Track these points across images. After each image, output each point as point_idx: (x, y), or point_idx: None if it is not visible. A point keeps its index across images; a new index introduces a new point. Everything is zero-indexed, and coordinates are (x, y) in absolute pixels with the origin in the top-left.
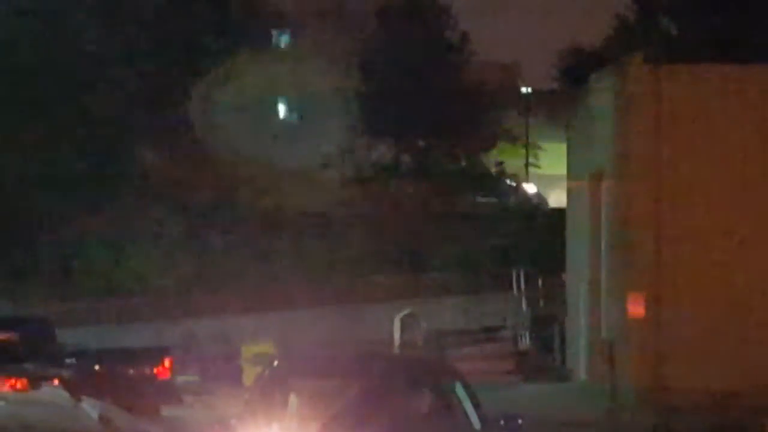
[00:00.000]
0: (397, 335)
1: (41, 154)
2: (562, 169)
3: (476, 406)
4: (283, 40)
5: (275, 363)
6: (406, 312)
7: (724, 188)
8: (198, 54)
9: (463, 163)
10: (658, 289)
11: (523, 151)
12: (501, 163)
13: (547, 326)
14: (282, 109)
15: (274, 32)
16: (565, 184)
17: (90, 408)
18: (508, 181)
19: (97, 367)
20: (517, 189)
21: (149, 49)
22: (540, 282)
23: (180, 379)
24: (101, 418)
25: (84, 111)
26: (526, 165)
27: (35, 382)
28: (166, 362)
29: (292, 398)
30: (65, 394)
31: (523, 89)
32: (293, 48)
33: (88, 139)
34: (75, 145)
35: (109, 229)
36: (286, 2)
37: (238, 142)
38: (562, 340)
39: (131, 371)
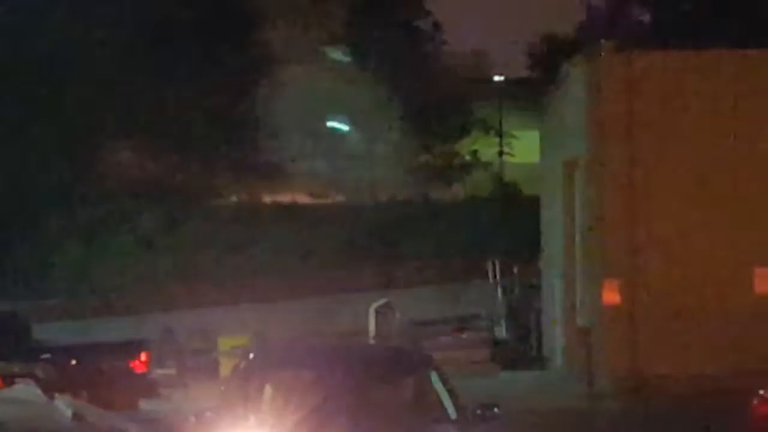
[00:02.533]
0: (372, 326)
1: (16, 151)
2: (535, 158)
3: (452, 395)
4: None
5: (251, 355)
6: (380, 302)
7: (697, 174)
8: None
9: (437, 153)
10: (633, 275)
11: (497, 140)
12: (474, 152)
13: (523, 315)
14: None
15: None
16: (539, 172)
17: (63, 405)
18: None
19: (73, 362)
20: None
21: (129, 42)
22: (515, 271)
23: (157, 372)
24: (75, 415)
25: (60, 107)
26: (500, 153)
27: (8, 379)
28: (143, 356)
29: (269, 390)
30: (38, 392)
31: (496, 78)
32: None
33: (64, 135)
34: (51, 142)
35: (85, 225)
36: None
37: (213, 137)
38: (539, 329)
39: (108, 365)
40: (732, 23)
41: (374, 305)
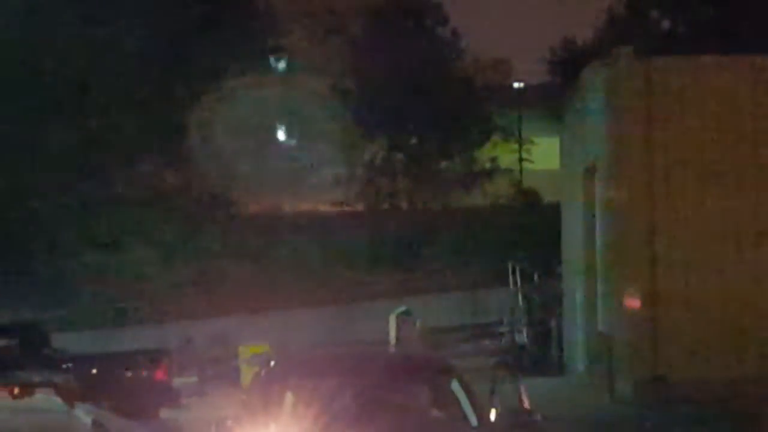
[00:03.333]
0: (392, 333)
1: (35, 160)
2: (555, 164)
3: (473, 402)
4: (280, 66)
5: (272, 363)
6: (401, 310)
7: (717, 180)
8: (196, 63)
9: (457, 160)
10: (654, 281)
11: (516, 146)
12: (494, 159)
13: (544, 321)
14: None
15: (271, 58)
16: (559, 178)
17: (83, 414)
18: None
19: (94, 371)
20: None
21: (147, 54)
22: (536, 277)
23: (178, 380)
24: (94, 423)
25: (79, 116)
26: (520, 160)
27: (29, 389)
28: (164, 364)
29: (290, 398)
30: (58, 401)
31: (516, 84)
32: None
33: (83, 145)
34: (69, 151)
35: (105, 234)
36: (278, 2)
37: (235, 146)
38: (560, 335)
39: (129, 374)
40: (750, 28)
41: (394, 313)
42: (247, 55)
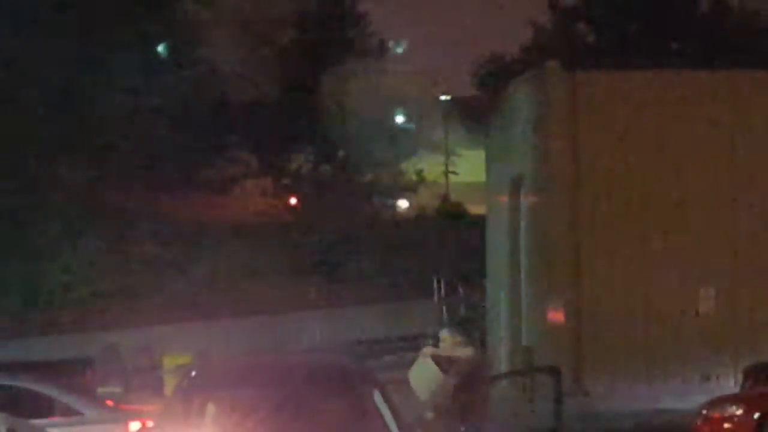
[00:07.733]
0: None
1: None
2: (481, 176)
3: (395, 414)
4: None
5: (192, 373)
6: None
7: (641, 194)
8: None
9: (383, 171)
10: (578, 295)
11: (443, 158)
12: (420, 171)
13: (468, 334)
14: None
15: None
16: (484, 191)
17: None
18: None
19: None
20: None
21: (71, 59)
22: (460, 289)
23: (102, 390)
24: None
25: (3, 126)
26: (446, 172)
27: None
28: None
29: (210, 408)
30: None
31: (443, 97)
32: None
33: (9, 155)
34: None
35: (29, 243)
36: (205, 13)
37: (163, 156)
38: (483, 347)
39: None
40: (674, 43)
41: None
42: (172, 63)
